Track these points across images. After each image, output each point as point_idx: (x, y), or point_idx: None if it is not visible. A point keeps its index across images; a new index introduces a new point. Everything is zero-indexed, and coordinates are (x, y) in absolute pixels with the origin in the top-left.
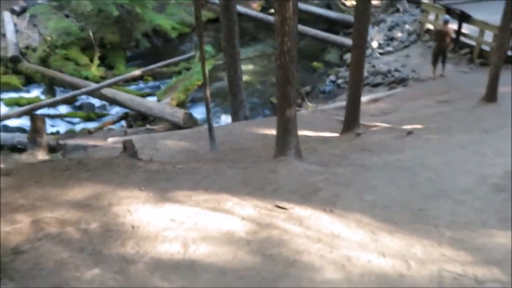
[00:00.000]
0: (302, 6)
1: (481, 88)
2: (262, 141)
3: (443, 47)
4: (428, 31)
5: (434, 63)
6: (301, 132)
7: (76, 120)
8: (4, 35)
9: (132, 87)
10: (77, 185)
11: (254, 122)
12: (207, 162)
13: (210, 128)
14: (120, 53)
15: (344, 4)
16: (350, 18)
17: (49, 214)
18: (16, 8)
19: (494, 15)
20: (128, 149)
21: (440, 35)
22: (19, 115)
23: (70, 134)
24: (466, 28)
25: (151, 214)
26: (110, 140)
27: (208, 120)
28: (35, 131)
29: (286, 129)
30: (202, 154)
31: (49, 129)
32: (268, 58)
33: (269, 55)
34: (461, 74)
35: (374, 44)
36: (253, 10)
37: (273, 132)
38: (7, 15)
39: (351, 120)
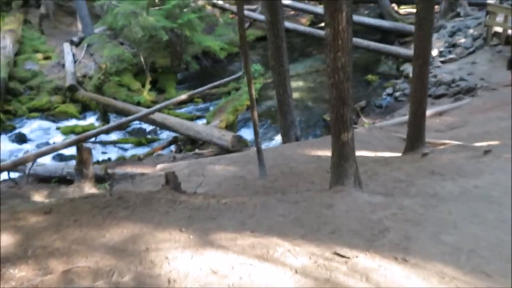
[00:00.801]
0: (353, 17)
1: None
2: (314, 164)
3: None
4: (496, 34)
5: (511, 67)
6: (358, 153)
7: (127, 146)
8: (63, 66)
9: (183, 110)
10: (115, 225)
11: (306, 143)
12: (255, 192)
13: (259, 152)
14: (170, 76)
15: (397, 12)
16: (404, 26)
17: (83, 262)
18: (75, 39)
19: None
20: (171, 181)
21: None
22: (65, 147)
23: (121, 161)
24: None
25: (190, 263)
26: (158, 167)
27: (256, 144)
28: (81, 162)
29: (343, 155)
30: (251, 180)
31: (101, 156)
32: (319, 73)
33: (320, 70)
34: None
35: (434, 52)
36: (302, 25)
37: (327, 153)
38: (66, 46)
39: (415, 138)
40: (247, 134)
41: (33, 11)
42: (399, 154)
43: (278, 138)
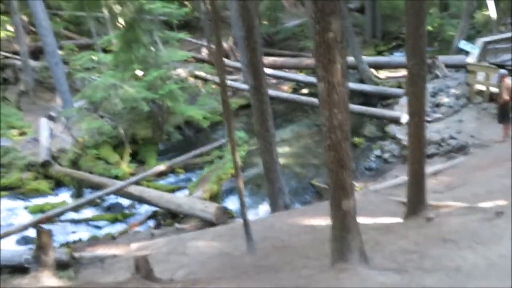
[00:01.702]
0: None
1: None
2: (308, 235)
3: (507, 105)
4: (478, 92)
5: (502, 121)
6: None
7: (102, 223)
8: (37, 141)
9: (163, 182)
10: None
11: (297, 212)
12: (244, 272)
13: (246, 225)
14: (151, 147)
15: (377, 77)
16: (386, 89)
17: None
18: (53, 113)
19: None
20: (141, 268)
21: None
22: (22, 230)
23: (93, 241)
24: None
25: None
26: (133, 246)
27: (243, 216)
28: (40, 247)
29: (344, 226)
30: (239, 257)
31: (71, 237)
32: (304, 138)
33: (305, 135)
34: None
35: None
36: (284, 92)
37: (321, 222)
38: (43, 121)
39: (416, 201)
40: (232, 204)
41: (11, 87)
42: (400, 220)
43: (266, 208)
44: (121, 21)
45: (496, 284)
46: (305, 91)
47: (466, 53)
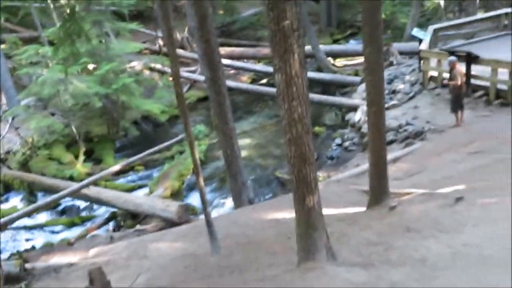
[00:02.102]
0: None
1: None
2: (273, 230)
3: (460, 90)
4: (431, 78)
5: (454, 109)
6: None
7: (58, 228)
8: None
9: (123, 180)
10: None
11: (261, 206)
12: (208, 275)
13: (209, 224)
14: (108, 145)
15: (334, 65)
16: (344, 78)
17: None
18: None
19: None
20: (96, 280)
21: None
22: None
23: (47, 248)
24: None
25: None
26: (92, 252)
27: (205, 215)
28: None
29: (310, 223)
30: (203, 257)
31: (24, 245)
32: (265, 129)
33: (266, 126)
34: (482, 119)
35: None
36: (243, 83)
37: (285, 215)
38: None
39: (378, 190)
40: (196, 200)
41: None
42: (363, 209)
43: (230, 203)
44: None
45: (462, 276)
46: (264, 81)
47: (419, 40)
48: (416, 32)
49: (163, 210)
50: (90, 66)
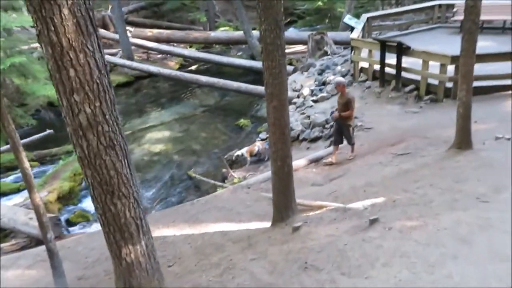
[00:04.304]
0: (223, 59)
1: (441, 129)
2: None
3: (344, 122)
4: (362, 69)
5: (336, 142)
6: (217, 225)
7: None
8: None
9: (11, 178)
10: None
11: (152, 218)
12: None
13: (51, 254)
14: None
15: None
16: None
17: None
18: None
19: (427, 46)
20: None
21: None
22: None
23: None
24: (404, 62)
25: None
26: None
27: (46, 245)
28: None
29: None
30: None
31: None
32: (187, 120)
33: (189, 117)
34: (411, 116)
35: (306, 91)
36: (170, 68)
37: (175, 232)
38: None
39: (283, 205)
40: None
41: None
42: (268, 225)
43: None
44: None
45: None
46: (194, 67)
47: (351, 28)
48: (348, 20)
49: (26, 224)
50: None
